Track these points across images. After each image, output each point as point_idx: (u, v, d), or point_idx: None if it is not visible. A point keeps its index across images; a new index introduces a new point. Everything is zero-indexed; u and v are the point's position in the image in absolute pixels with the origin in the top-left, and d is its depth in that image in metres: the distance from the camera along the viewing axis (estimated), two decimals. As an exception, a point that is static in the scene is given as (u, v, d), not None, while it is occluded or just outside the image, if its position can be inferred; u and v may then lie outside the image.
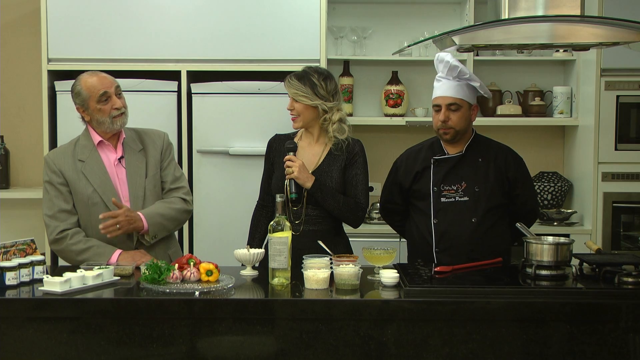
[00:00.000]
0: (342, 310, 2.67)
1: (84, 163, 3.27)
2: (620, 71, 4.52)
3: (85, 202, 3.23)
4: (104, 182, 3.25)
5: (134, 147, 3.34)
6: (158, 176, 3.36)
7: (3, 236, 4.09)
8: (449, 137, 3.36)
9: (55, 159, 3.29)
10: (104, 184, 3.25)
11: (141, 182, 3.30)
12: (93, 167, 3.26)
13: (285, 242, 2.89)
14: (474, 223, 3.31)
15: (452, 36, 2.86)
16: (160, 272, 2.78)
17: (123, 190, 3.29)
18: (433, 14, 4.91)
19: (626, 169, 4.55)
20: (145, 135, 3.41)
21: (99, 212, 3.20)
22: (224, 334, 2.66)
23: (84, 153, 3.29)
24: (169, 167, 3.40)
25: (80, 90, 3.26)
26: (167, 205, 3.30)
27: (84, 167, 3.26)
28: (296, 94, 3.39)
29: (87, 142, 3.31)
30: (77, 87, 3.27)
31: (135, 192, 3.28)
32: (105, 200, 3.22)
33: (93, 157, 3.28)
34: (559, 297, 2.69)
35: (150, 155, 3.35)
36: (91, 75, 3.29)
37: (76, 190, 3.25)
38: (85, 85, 3.25)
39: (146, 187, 3.30)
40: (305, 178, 3.32)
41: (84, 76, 3.30)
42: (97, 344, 2.65)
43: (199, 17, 4.39)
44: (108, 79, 3.29)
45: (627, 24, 2.81)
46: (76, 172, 3.26)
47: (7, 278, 2.81)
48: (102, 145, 3.30)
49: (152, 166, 3.34)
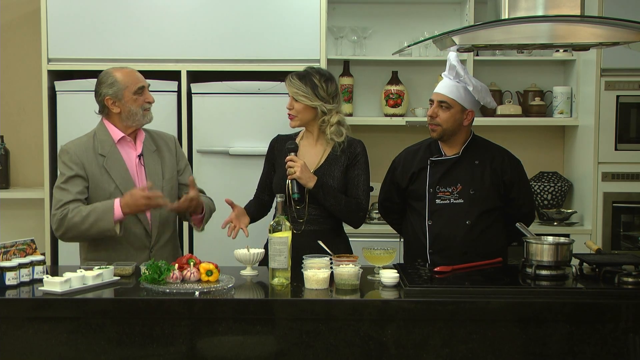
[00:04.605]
0: (342, 310, 2.67)
1: (105, 158, 3.23)
2: (620, 71, 4.52)
3: (107, 199, 3.19)
4: (125, 179, 3.23)
5: (149, 147, 3.34)
6: (175, 180, 3.37)
7: (3, 236, 4.08)
8: (436, 134, 3.38)
9: (78, 152, 3.23)
10: (126, 181, 3.23)
11: (159, 182, 3.30)
12: (115, 163, 3.24)
13: (285, 242, 2.89)
14: (468, 225, 3.31)
15: (452, 36, 2.87)
16: (160, 272, 2.79)
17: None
18: (433, 14, 4.91)
19: (626, 169, 4.55)
20: (158, 137, 3.41)
21: None
22: (224, 334, 2.66)
23: (105, 148, 3.25)
24: (185, 171, 3.44)
25: (114, 81, 3.24)
26: (209, 200, 3.44)
27: (106, 162, 3.22)
28: (296, 93, 3.39)
29: (106, 137, 3.27)
30: (110, 79, 3.25)
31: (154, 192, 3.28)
32: None
33: (114, 152, 3.25)
34: (559, 297, 2.69)
35: (166, 157, 3.36)
36: (124, 69, 3.32)
37: (97, 186, 3.20)
38: (122, 76, 3.26)
39: (164, 188, 3.29)
40: (307, 178, 3.31)
41: (114, 69, 3.30)
42: (97, 344, 2.65)
43: (199, 17, 4.39)
44: (141, 75, 3.34)
45: (627, 24, 2.81)
46: (98, 167, 3.22)
47: (7, 278, 2.81)
48: (122, 142, 3.28)
49: (169, 169, 3.35)
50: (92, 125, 3.36)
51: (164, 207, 3.17)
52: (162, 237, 3.31)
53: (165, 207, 3.17)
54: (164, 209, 3.25)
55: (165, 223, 3.32)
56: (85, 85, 4.28)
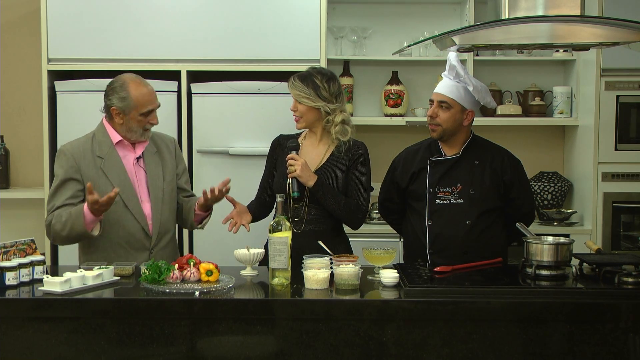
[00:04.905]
0: (342, 310, 2.67)
1: (103, 160, 3.22)
2: (620, 71, 4.52)
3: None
4: (123, 181, 3.22)
5: (150, 149, 3.32)
6: (174, 182, 3.37)
7: (3, 236, 4.08)
8: (436, 134, 3.38)
9: (74, 154, 3.21)
10: (124, 184, 3.22)
11: (160, 184, 3.29)
12: (112, 165, 3.23)
13: (285, 242, 2.89)
14: (468, 225, 3.31)
15: (452, 36, 2.87)
16: (160, 272, 2.79)
17: (141, 190, 3.26)
18: (433, 14, 4.91)
19: (626, 169, 4.55)
20: (158, 139, 3.40)
21: (119, 212, 3.19)
22: (224, 334, 2.66)
23: (103, 149, 3.24)
24: (184, 175, 3.44)
25: (127, 97, 3.17)
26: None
27: (103, 165, 3.22)
28: (299, 95, 3.39)
29: (105, 138, 3.26)
30: (124, 92, 3.17)
31: (155, 193, 3.27)
32: (124, 200, 3.20)
33: (112, 154, 3.24)
34: (559, 297, 2.69)
35: (166, 160, 3.35)
36: (141, 85, 3.20)
37: (95, 188, 3.15)
38: (136, 94, 3.17)
39: (165, 190, 3.29)
40: (307, 176, 3.31)
41: (133, 81, 3.20)
42: (97, 344, 2.65)
43: (199, 17, 4.38)
44: (155, 95, 3.24)
45: (627, 24, 2.81)
46: (95, 169, 3.21)
47: (7, 278, 2.81)
48: (121, 144, 3.27)
49: (169, 171, 3.34)
50: (92, 126, 3.35)
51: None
52: (162, 239, 3.31)
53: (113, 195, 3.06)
54: (164, 210, 3.25)
55: (165, 225, 3.32)
56: (85, 85, 4.29)
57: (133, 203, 3.22)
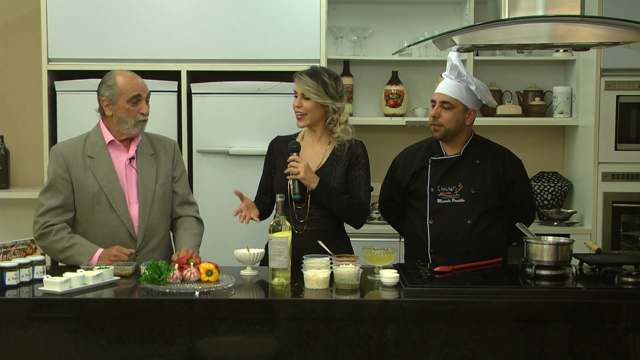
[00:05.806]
0: (342, 310, 2.67)
1: (93, 160, 3.23)
2: (620, 71, 4.52)
3: (91, 200, 3.22)
4: (111, 181, 3.23)
5: (145, 150, 3.32)
6: (169, 185, 3.35)
7: (3, 236, 4.08)
8: (439, 134, 3.38)
9: (64, 153, 3.25)
10: (112, 184, 3.22)
11: (152, 186, 3.29)
12: (102, 165, 3.23)
13: (285, 242, 2.89)
14: (469, 225, 3.32)
15: (452, 36, 2.86)
16: (160, 272, 2.79)
17: (131, 192, 3.26)
18: (433, 14, 4.91)
19: (626, 169, 4.55)
20: (157, 141, 3.40)
21: (104, 212, 3.20)
22: (224, 334, 2.66)
23: (94, 150, 3.25)
24: (181, 179, 3.41)
25: (113, 84, 3.23)
26: (193, 234, 3.34)
27: (92, 164, 3.23)
28: (308, 90, 3.37)
29: (98, 138, 3.28)
30: (111, 81, 3.24)
31: (145, 195, 3.26)
32: (110, 201, 3.21)
33: (103, 155, 3.25)
34: (559, 297, 2.69)
35: (162, 162, 3.34)
36: (127, 73, 3.27)
37: (82, 188, 3.22)
38: (121, 81, 3.23)
39: (156, 193, 3.29)
40: (310, 179, 3.31)
41: (119, 72, 3.28)
42: (97, 344, 2.65)
43: (199, 17, 4.38)
44: (143, 83, 3.29)
45: (627, 24, 2.81)
46: (84, 169, 3.22)
47: (7, 278, 2.80)
48: (113, 144, 3.28)
49: (164, 173, 3.33)
50: (92, 126, 3.36)
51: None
52: (150, 242, 3.29)
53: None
54: (153, 213, 3.27)
55: (154, 228, 3.30)
56: (85, 85, 4.28)
57: (119, 204, 3.23)
